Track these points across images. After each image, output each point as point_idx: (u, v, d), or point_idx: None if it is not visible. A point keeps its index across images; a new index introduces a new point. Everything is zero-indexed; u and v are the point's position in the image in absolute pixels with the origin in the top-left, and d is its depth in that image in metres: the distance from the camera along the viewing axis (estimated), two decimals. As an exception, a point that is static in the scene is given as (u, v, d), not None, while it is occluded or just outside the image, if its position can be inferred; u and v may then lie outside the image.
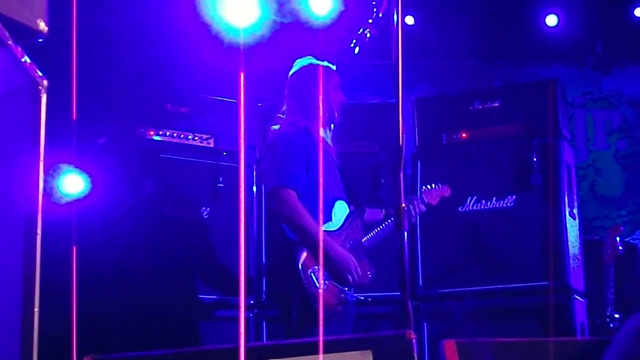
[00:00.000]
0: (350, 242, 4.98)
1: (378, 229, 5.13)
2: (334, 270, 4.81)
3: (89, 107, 5.99)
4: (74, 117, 3.99)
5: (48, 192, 5.55)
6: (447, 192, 5.69)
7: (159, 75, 6.86)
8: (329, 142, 5.15)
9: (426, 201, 5.50)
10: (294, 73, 5.19)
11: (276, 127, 5.14)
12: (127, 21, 6.91)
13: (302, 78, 5.12)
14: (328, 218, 4.96)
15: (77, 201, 5.78)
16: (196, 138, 6.23)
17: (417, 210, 5.38)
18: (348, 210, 5.08)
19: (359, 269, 4.88)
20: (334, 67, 5.17)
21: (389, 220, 5.18)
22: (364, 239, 5.07)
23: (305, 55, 5.24)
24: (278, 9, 6.31)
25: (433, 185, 5.64)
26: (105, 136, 6.09)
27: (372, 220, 5.27)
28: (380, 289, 5.27)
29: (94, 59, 6.59)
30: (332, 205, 5.00)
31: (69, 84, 3.76)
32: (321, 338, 3.58)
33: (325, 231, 4.87)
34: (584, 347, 3.80)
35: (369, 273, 5.00)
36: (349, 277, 4.84)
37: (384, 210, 5.39)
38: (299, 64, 5.19)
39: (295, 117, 5.08)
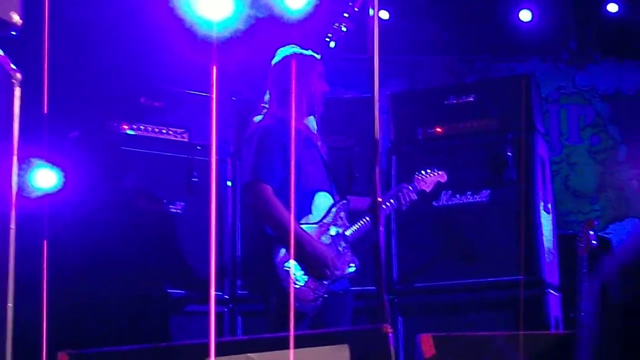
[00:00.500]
0: (331, 235, 4.94)
1: (363, 220, 5.07)
2: (310, 265, 4.78)
3: (62, 100, 5.97)
4: (45, 111, 3.96)
5: (20, 187, 5.52)
6: (443, 178, 5.59)
7: (133, 69, 6.82)
8: (314, 131, 5.12)
9: (419, 188, 5.39)
10: (276, 62, 5.15)
11: (257, 118, 5.10)
12: (101, 14, 6.86)
13: (283, 67, 5.08)
14: (307, 210, 4.92)
15: (49, 195, 5.74)
16: (170, 132, 6.19)
17: (408, 199, 5.28)
18: (332, 202, 5.03)
19: (336, 262, 4.83)
20: (318, 56, 5.13)
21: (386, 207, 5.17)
22: (349, 231, 5.01)
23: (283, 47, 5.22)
24: (252, 2, 6.28)
25: (428, 171, 5.53)
26: (78, 130, 6.04)
27: (360, 209, 5.22)
28: (356, 284, 5.25)
29: (67, 52, 6.55)
30: (312, 197, 4.96)
31: (41, 77, 3.72)
32: (292, 333, 3.57)
33: (302, 224, 4.85)
34: (557, 341, 3.81)
35: (352, 265, 4.95)
36: (326, 271, 4.80)
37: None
38: (281, 53, 5.16)
39: (275, 107, 5.05)
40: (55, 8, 3.82)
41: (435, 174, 5.53)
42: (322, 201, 4.99)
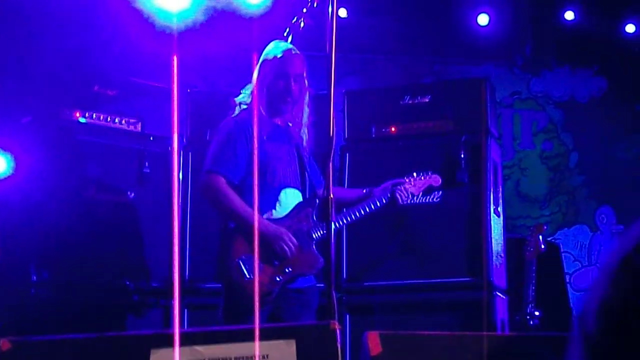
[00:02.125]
0: (294, 231, 4.90)
1: (359, 211, 5.10)
2: (265, 246, 4.76)
3: (15, 86, 5.90)
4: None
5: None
6: (436, 181, 5.50)
7: (88, 57, 6.76)
8: (302, 129, 5.14)
9: (407, 190, 5.34)
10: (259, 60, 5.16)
11: (235, 112, 5.11)
12: (54, 3, 6.79)
13: (258, 67, 5.10)
14: (272, 206, 4.94)
15: (-1, 181, 5.68)
16: (123, 122, 6.14)
17: (404, 196, 5.29)
18: (299, 199, 5.05)
19: (294, 240, 4.83)
20: (294, 52, 5.10)
21: (373, 202, 5.18)
22: (315, 234, 4.98)
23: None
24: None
25: (421, 174, 5.45)
26: (30, 116, 5.98)
27: (351, 199, 5.24)
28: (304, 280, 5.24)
29: (21, 37, 6.49)
30: (278, 193, 4.97)
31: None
32: (238, 327, 3.56)
33: (265, 219, 4.87)
34: (504, 342, 3.83)
35: (316, 263, 4.92)
36: (284, 247, 4.81)
37: (365, 190, 5.30)
38: (266, 50, 5.15)
39: (252, 103, 5.06)
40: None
41: (428, 176, 5.47)
42: (289, 198, 5.01)
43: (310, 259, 4.92)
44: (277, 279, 4.81)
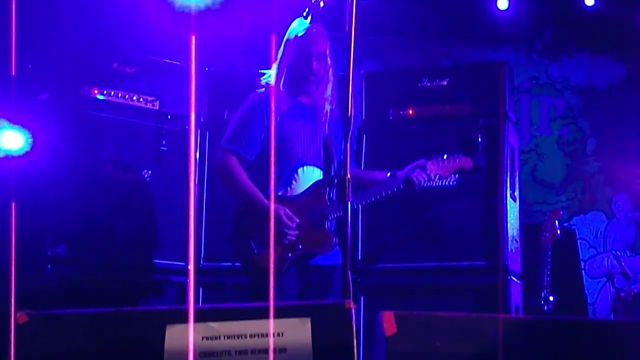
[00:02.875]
0: (307, 210, 4.90)
1: (377, 194, 5.10)
2: (268, 227, 4.75)
3: (34, 63, 5.91)
4: (13, 73, 3.93)
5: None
6: (467, 164, 5.41)
7: (107, 35, 6.77)
8: (327, 108, 5.10)
9: (431, 173, 5.24)
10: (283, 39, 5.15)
11: (260, 90, 5.11)
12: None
13: (282, 45, 5.10)
14: (288, 183, 4.97)
15: (16, 157, 5.69)
16: (141, 99, 6.16)
17: (421, 180, 5.20)
18: (317, 178, 5.05)
19: (294, 218, 4.84)
20: (317, 30, 5.09)
21: (395, 185, 5.14)
22: (330, 213, 4.94)
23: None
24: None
25: (452, 157, 5.37)
26: (48, 92, 5.99)
27: (374, 180, 5.21)
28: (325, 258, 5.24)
29: (41, 15, 6.49)
30: (296, 170, 4.98)
31: (9, 39, 3.69)
32: (252, 305, 3.56)
33: (280, 197, 4.89)
34: (519, 324, 3.84)
35: (328, 242, 4.92)
36: (281, 228, 4.80)
37: (389, 173, 5.23)
38: (290, 28, 5.14)
39: (276, 81, 5.07)
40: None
41: (459, 158, 5.37)
42: (307, 176, 5.01)
43: (321, 237, 4.92)
44: (288, 255, 4.84)
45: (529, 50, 9.27)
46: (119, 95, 6.08)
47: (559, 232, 6.76)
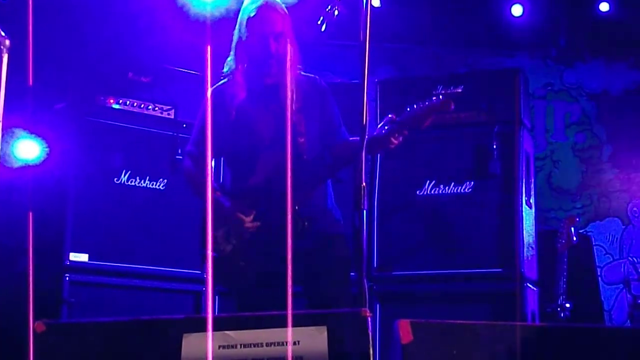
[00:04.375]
0: (275, 196, 4.49)
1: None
2: (224, 223, 4.53)
3: (50, 72, 5.94)
4: (30, 82, 3.94)
5: (2, 157, 5.51)
6: (442, 104, 4.60)
7: (122, 44, 6.80)
8: (286, 85, 4.63)
9: (403, 127, 4.56)
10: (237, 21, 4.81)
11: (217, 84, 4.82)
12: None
13: (236, 28, 4.77)
14: (252, 170, 4.61)
15: (32, 167, 5.73)
16: (157, 108, 6.18)
17: (398, 137, 4.56)
18: (282, 161, 4.53)
19: (249, 211, 4.51)
20: (271, 7, 4.67)
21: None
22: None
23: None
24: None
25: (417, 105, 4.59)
26: (64, 102, 6.03)
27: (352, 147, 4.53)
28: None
29: (57, 24, 6.53)
30: (258, 156, 4.62)
31: (26, 49, 3.70)
32: (262, 314, 3.57)
33: (236, 188, 4.66)
34: (536, 332, 3.83)
35: (298, 225, 4.47)
36: (237, 223, 4.51)
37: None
38: (242, 7, 4.79)
39: (236, 67, 4.75)
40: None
41: (427, 103, 4.60)
42: (272, 159, 4.57)
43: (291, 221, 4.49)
44: (252, 250, 4.53)
45: (544, 56, 9.27)
46: (135, 104, 6.10)
47: (575, 238, 6.75)
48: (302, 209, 4.53)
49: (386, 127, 4.53)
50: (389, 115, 4.58)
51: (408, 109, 4.59)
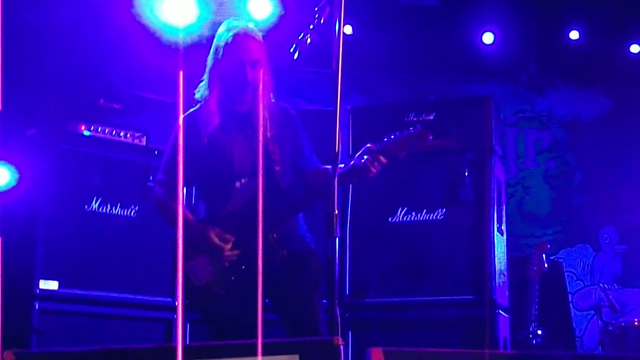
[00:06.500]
0: (244, 225, 4.48)
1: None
2: (202, 251, 4.47)
3: (20, 98, 5.92)
4: (0, 108, 3.92)
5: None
6: (424, 136, 4.60)
7: (93, 71, 6.78)
8: (260, 113, 4.59)
9: (380, 155, 4.54)
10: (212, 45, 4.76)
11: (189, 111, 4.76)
12: (62, 18, 6.83)
13: (211, 52, 4.72)
14: (226, 199, 4.57)
15: (2, 193, 5.69)
16: (128, 135, 6.16)
17: (377, 165, 4.54)
18: (255, 190, 4.56)
19: (228, 238, 4.46)
20: (248, 34, 4.66)
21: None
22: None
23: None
24: (217, 9, 6.28)
25: (396, 135, 4.60)
26: (35, 128, 6.00)
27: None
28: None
29: (27, 51, 6.51)
30: (232, 185, 4.56)
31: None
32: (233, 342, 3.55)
33: (210, 215, 4.61)
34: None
35: (274, 255, 4.45)
36: (217, 251, 4.45)
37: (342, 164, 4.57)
38: (218, 33, 4.74)
39: (209, 93, 4.68)
40: (9, 9, 3.77)
41: (406, 133, 4.61)
42: (246, 189, 4.57)
43: (266, 251, 4.42)
44: (231, 279, 4.49)
45: (515, 83, 9.34)
46: (106, 131, 6.08)
47: (546, 265, 6.78)
48: (279, 237, 4.53)
49: (365, 157, 4.53)
50: (367, 145, 4.58)
51: (385, 139, 4.60)
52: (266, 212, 4.25)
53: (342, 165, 4.52)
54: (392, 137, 4.60)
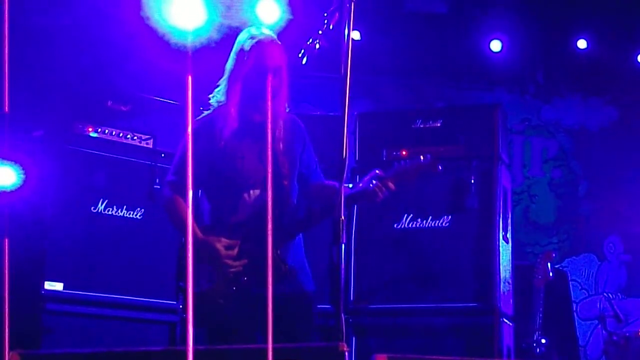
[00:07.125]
0: (251, 237, 4.51)
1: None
2: (207, 260, 4.48)
3: (27, 99, 5.92)
4: (6, 109, 3.92)
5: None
6: (426, 162, 4.67)
7: (102, 73, 6.79)
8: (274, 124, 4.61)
9: (387, 181, 4.60)
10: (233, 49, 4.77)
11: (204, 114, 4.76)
12: (70, 20, 6.84)
13: (233, 56, 4.73)
14: (234, 209, 4.58)
15: (8, 194, 5.69)
16: (135, 137, 6.17)
17: (384, 190, 4.59)
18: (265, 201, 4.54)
19: (234, 248, 4.47)
20: (272, 41, 4.67)
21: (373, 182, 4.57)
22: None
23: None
24: (226, 12, 6.28)
25: (402, 162, 4.72)
26: (42, 129, 6.00)
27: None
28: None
29: (35, 53, 6.51)
30: (241, 195, 4.57)
31: (2, 75, 3.68)
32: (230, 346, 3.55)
33: (218, 224, 4.59)
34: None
35: (277, 269, 4.43)
36: (222, 262, 4.47)
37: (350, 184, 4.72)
38: (239, 38, 4.75)
39: (228, 98, 4.69)
40: (18, 11, 3.78)
41: (413, 162, 4.69)
42: (255, 200, 4.59)
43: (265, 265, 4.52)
44: (233, 289, 4.49)
45: (522, 92, 9.34)
46: (113, 133, 6.08)
47: (551, 274, 6.77)
48: (283, 253, 4.56)
49: (373, 182, 4.60)
50: (376, 171, 4.65)
51: (395, 166, 4.70)
52: (274, 227, 4.05)
53: (350, 186, 4.64)
54: (401, 164, 4.70)
